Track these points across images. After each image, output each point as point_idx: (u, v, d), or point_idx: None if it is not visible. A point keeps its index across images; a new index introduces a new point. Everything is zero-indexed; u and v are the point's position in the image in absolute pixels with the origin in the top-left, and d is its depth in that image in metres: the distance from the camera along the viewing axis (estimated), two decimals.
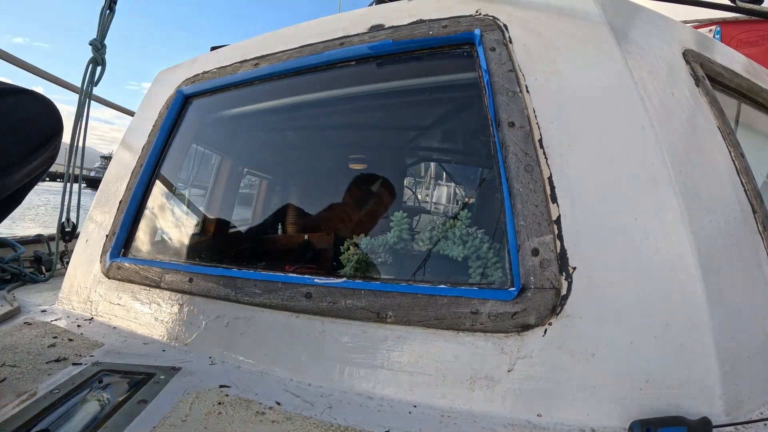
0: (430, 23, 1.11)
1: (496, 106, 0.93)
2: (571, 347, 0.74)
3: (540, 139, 0.88)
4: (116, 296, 1.23)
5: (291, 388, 0.85)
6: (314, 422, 0.71)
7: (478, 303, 0.80)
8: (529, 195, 0.84)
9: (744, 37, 2.80)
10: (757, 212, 0.93)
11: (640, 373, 0.71)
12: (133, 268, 1.23)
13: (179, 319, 1.08)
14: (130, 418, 0.71)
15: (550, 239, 0.80)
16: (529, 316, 0.76)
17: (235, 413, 0.73)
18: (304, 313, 0.94)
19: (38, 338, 1.05)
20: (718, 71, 1.15)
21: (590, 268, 0.77)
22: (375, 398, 0.81)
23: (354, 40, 1.20)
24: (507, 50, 0.99)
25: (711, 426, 0.64)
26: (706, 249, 0.77)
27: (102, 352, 0.99)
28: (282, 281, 1.00)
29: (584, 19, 0.97)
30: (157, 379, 0.85)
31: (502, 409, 0.74)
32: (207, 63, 1.50)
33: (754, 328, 0.78)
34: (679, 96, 0.96)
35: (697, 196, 0.82)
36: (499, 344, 0.78)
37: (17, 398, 0.77)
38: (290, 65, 1.28)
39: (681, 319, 0.72)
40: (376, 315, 0.87)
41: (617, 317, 0.74)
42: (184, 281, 1.12)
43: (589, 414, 0.71)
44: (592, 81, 0.90)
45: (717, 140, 0.97)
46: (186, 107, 1.49)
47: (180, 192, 1.64)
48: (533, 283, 0.78)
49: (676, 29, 1.13)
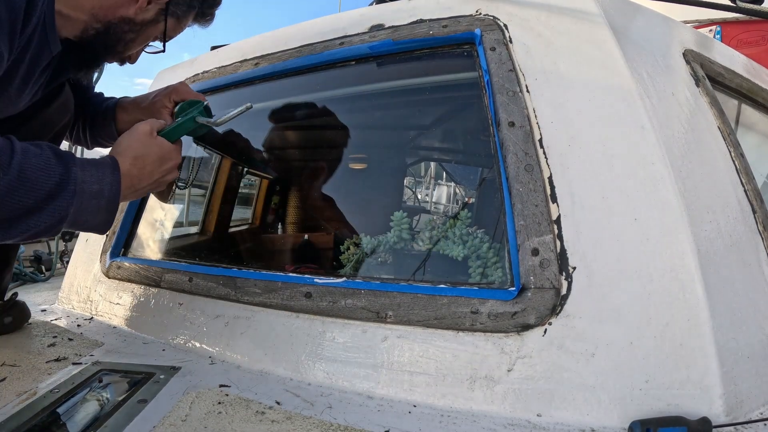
0: (430, 23, 1.11)
1: (496, 105, 0.93)
2: (571, 347, 0.74)
3: (540, 139, 0.88)
4: (116, 296, 1.23)
5: (291, 387, 0.85)
6: (314, 422, 0.71)
7: (478, 303, 0.80)
8: (529, 195, 0.84)
9: (744, 37, 2.80)
10: (757, 212, 0.93)
11: (640, 373, 0.71)
12: (133, 267, 1.23)
13: (179, 319, 1.08)
14: (129, 418, 0.71)
15: (550, 239, 0.80)
16: (529, 315, 0.76)
17: (235, 413, 0.73)
18: (304, 313, 0.94)
19: (38, 338, 1.05)
20: (718, 71, 1.15)
21: (590, 268, 0.77)
22: (375, 398, 0.81)
23: (354, 39, 1.19)
24: (507, 50, 0.99)
25: (711, 426, 0.64)
26: (706, 249, 0.77)
27: (102, 352, 0.99)
28: (282, 281, 1.00)
29: (584, 19, 0.97)
30: (157, 379, 0.85)
31: (502, 408, 0.74)
32: (207, 62, 1.51)
33: (754, 328, 0.78)
34: (679, 96, 0.96)
35: (697, 196, 0.82)
36: (499, 344, 0.78)
37: (17, 398, 0.77)
38: (290, 65, 1.28)
39: (681, 319, 0.72)
40: (376, 315, 0.87)
41: (617, 317, 0.74)
42: (183, 281, 1.12)
43: (588, 414, 0.71)
44: (592, 81, 0.90)
45: (717, 140, 0.97)
46: None
47: (180, 191, 1.64)
48: (533, 283, 0.78)
49: (676, 29, 1.13)
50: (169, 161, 0.91)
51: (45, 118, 1.00)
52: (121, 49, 0.93)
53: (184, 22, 1.00)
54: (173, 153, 0.92)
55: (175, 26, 0.98)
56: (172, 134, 0.93)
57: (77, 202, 0.74)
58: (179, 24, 0.99)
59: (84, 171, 0.76)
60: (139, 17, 0.89)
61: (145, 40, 0.96)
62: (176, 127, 0.95)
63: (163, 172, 0.90)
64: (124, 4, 0.87)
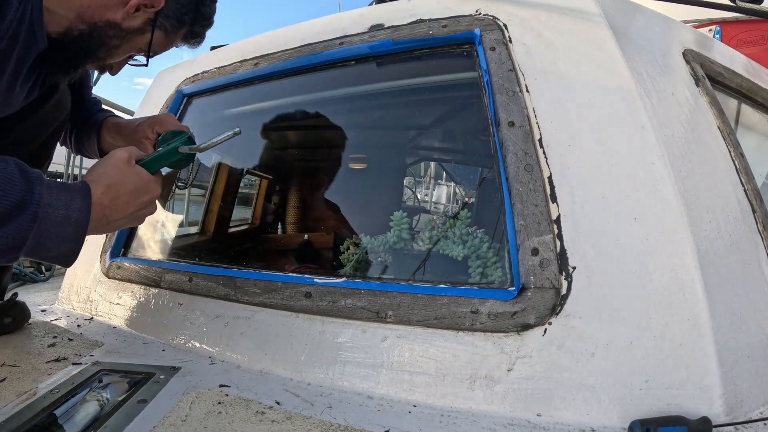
0: (430, 23, 1.11)
1: (496, 105, 0.93)
2: (570, 347, 0.74)
3: (540, 139, 0.88)
4: (116, 296, 1.23)
5: (291, 387, 0.85)
6: (314, 422, 0.71)
7: (478, 302, 0.80)
8: (529, 194, 0.84)
9: (744, 37, 2.80)
10: (757, 212, 0.93)
11: (640, 372, 0.71)
12: (132, 267, 1.23)
13: (179, 319, 1.08)
14: (129, 418, 0.71)
15: (549, 239, 0.80)
16: (529, 315, 0.76)
17: (234, 413, 0.73)
18: (304, 313, 0.94)
19: (38, 338, 1.05)
20: (718, 71, 1.15)
21: (590, 268, 0.77)
22: (375, 398, 0.81)
23: (354, 39, 1.20)
24: (507, 50, 0.99)
25: (711, 426, 0.64)
26: (706, 249, 0.77)
27: (102, 352, 0.99)
28: (282, 281, 1.00)
29: (584, 19, 0.97)
30: (157, 379, 0.85)
31: (502, 408, 0.74)
32: (207, 63, 1.51)
33: (754, 328, 0.78)
34: (679, 96, 0.96)
35: (697, 195, 0.82)
36: (499, 344, 0.78)
37: (17, 398, 0.77)
38: (290, 65, 1.28)
39: (681, 319, 0.72)
40: (376, 314, 0.87)
41: (617, 317, 0.74)
42: (183, 281, 1.12)
43: (588, 414, 0.71)
44: (592, 81, 0.90)
45: (717, 140, 0.97)
46: (186, 107, 1.49)
47: (180, 191, 1.64)
48: (533, 283, 0.78)
49: (676, 29, 1.13)
50: (147, 193, 0.82)
51: (41, 116, 0.99)
52: (103, 54, 0.88)
53: (172, 38, 0.95)
54: (152, 185, 0.83)
55: (162, 41, 0.94)
56: (152, 164, 0.85)
57: (39, 228, 0.67)
58: (167, 39, 0.95)
59: (51, 194, 0.68)
60: (126, 23, 0.85)
61: (130, 49, 0.91)
62: (157, 156, 0.87)
63: (139, 205, 0.81)
64: (112, 7, 0.83)
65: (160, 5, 0.86)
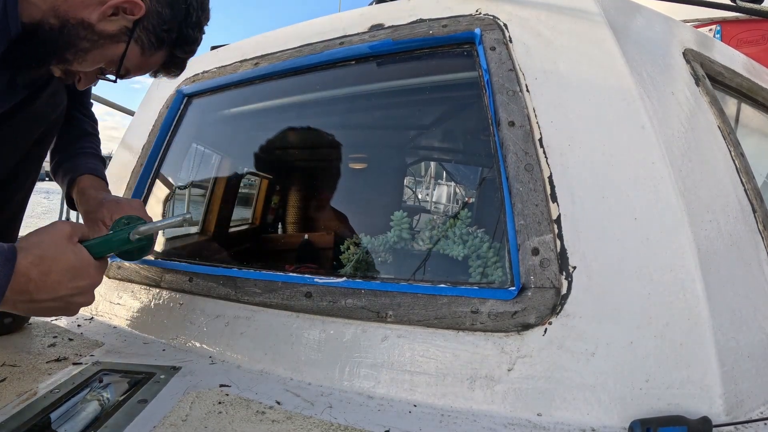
0: (430, 22, 1.11)
1: (496, 105, 0.93)
2: (571, 346, 0.74)
3: (540, 139, 0.88)
4: (116, 296, 1.23)
5: (291, 387, 0.85)
6: (314, 421, 0.71)
7: (478, 302, 0.80)
8: (529, 194, 0.84)
9: (744, 37, 2.80)
10: (757, 212, 0.93)
11: (640, 372, 0.71)
12: (133, 267, 1.23)
13: (179, 319, 1.08)
14: (130, 418, 0.71)
15: (550, 238, 0.80)
16: (529, 315, 0.76)
17: (235, 413, 0.73)
18: (304, 313, 0.94)
19: (38, 338, 1.05)
20: (719, 71, 1.15)
21: (590, 268, 0.77)
22: (375, 398, 0.81)
23: (354, 39, 1.19)
24: (507, 49, 0.99)
25: (711, 425, 0.65)
26: (706, 249, 0.77)
27: (102, 352, 0.99)
28: (282, 281, 1.00)
29: (584, 19, 0.97)
30: (157, 379, 0.85)
31: (502, 408, 0.74)
32: (207, 62, 1.50)
33: (754, 328, 0.78)
34: (679, 95, 0.96)
35: (697, 195, 0.82)
36: (499, 344, 0.78)
37: (17, 398, 0.77)
38: (290, 65, 1.28)
39: (681, 318, 0.72)
40: (376, 314, 0.87)
41: (617, 316, 0.74)
42: (184, 281, 1.12)
43: (589, 413, 0.71)
44: (592, 80, 0.90)
45: (717, 140, 0.97)
46: (186, 107, 1.49)
47: (180, 191, 1.64)
48: (533, 283, 0.78)
49: (676, 29, 1.13)
50: (83, 278, 0.69)
51: (31, 112, 0.93)
52: (71, 57, 0.80)
53: (148, 58, 0.87)
54: (92, 270, 0.71)
55: (137, 57, 0.86)
56: (97, 247, 0.74)
57: None
58: (143, 57, 0.86)
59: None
60: (100, 26, 0.78)
61: (101, 59, 0.83)
62: (105, 239, 0.77)
63: (72, 290, 0.68)
64: (89, 6, 0.77)
65: (140, 13, 0.80)
